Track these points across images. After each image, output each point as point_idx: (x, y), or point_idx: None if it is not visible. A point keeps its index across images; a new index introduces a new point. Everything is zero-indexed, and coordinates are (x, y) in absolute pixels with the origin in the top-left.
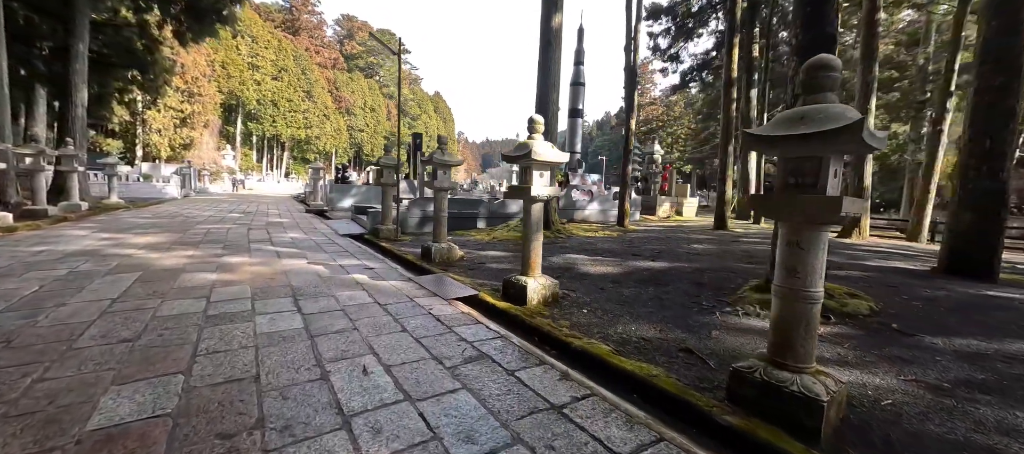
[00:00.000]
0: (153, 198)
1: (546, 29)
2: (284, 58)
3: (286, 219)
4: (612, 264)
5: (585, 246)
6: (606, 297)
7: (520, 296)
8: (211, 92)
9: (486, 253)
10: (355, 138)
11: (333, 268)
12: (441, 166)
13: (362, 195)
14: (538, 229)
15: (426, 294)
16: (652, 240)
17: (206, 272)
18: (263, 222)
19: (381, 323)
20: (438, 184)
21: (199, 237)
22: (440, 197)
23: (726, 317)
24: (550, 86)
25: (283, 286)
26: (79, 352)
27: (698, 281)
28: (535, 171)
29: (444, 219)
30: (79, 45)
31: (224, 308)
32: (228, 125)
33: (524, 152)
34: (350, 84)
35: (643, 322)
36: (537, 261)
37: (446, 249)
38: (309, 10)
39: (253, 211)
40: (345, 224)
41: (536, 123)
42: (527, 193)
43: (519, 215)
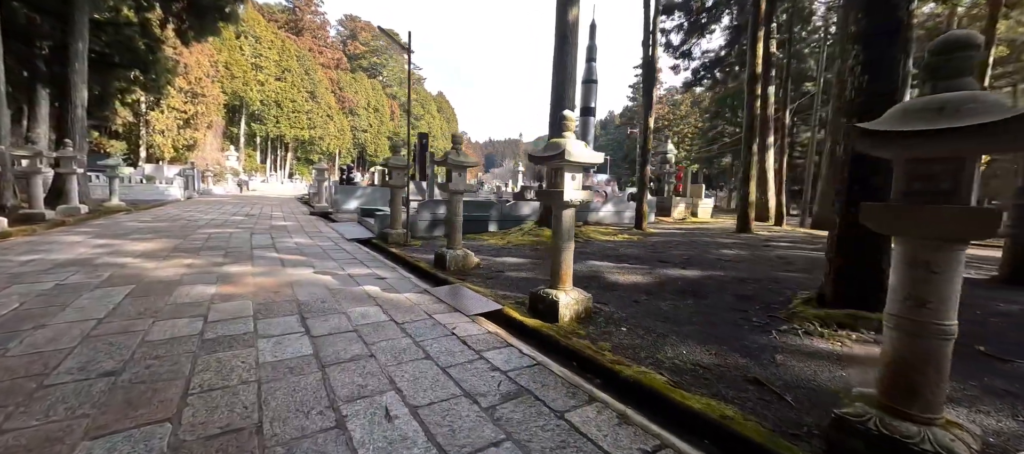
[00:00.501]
0: (155, 200)
1: (562, 23)
2: (288, 58)
3: (290, 222)
4: (641, 272)
5: (606, 251)
6: (643, 312)
7: (550, 312)
8: (215, 93)
9: (503, 260)
10: (358, 139)
11: (342, 278)
12: (457, 167)
13: (368, 197)
14: (569, 237)
15: (446, 309)
16: (676, 244)
17: (205, 284)
18: (267, 225)
19: (400, 348)
20: (453, 187)
21: (199, 243)
22: (455, 201)
23: (785, 337)
24: (566, 82)
25: (289, 301)
26: (51, 391)
27: (741, 293)
28: (567, 173)
29: (459, 224)
30: (78, 44)
31: (223, 329)
32: (232, 126)
33: (556, 152)
34: (353, 84)
35: (693, 343)
36: (568, 272)
37: (462, 256)
38: (313, 10)
39: (256, 214)
40: (351, 227)
41: (568, 120)
42: (558, 197)
43: (531, 218)
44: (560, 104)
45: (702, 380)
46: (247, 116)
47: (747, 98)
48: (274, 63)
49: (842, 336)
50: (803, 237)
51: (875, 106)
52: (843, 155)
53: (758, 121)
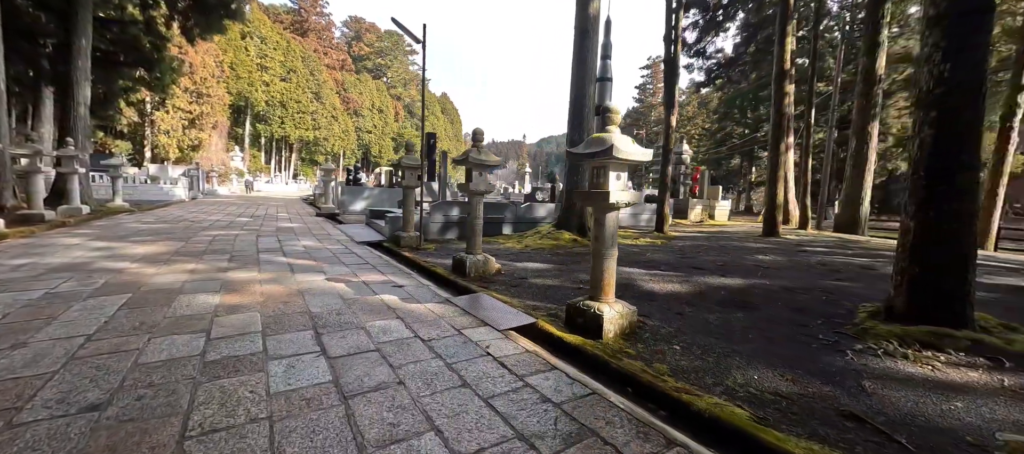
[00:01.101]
0: (160, 200)
1: (582, 16)
2: (293, 59)
3: (297, 224)
4: (677, 280)
5: (634, 257)
6: (691, 326)
7: (593, 327)
8: (220, 93)
9: (524, 265)
10: (363, 139)
11: (356, 286)
12: (478, 167)
13: (375, 198)
14: (613, 244)
15: (473, 322)
16: (705, 249)
17: (208, 293)
18: (273, 227)
19: (432, 372)
20: (474, 187)
21: (203, 246)
22: (476, 202)
23: (864, 358)
24: (587, 79)
25: (300, 313)
26: (20, 433)
27: (793, 304)
28: (613, 172)
29: (479, 228)
30: (82, 41)
31: (227, 348)
32: (237, 126)
33: (601, 148)
34: (358, 85)
35: (761, 365)
36: (611, 283)
37: (482, 262)
38: (318, 12)
39: (262, 215)
40: (360, 229)
41: (612, 113)
42: (603, 199)
43: (547, 220)
44: (580, 102)
45: (789, 415)
46: (252, 117)
47: (775, 95)
48: (279, 64)
49: (929, 358)
50: (835, 241)
51: (956, 99)
52: (918, 152)
53: (786, 119)
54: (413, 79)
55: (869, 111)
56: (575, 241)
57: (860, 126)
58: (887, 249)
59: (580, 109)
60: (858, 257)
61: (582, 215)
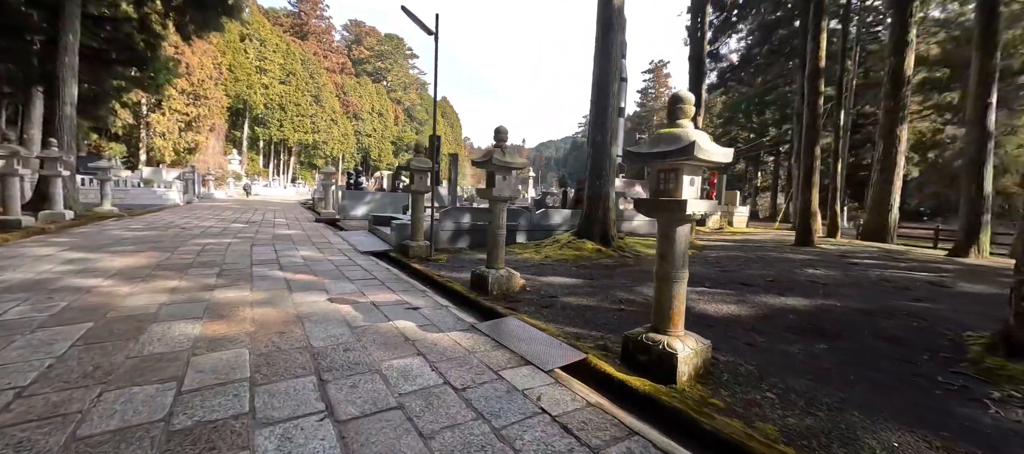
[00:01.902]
0: (152, 205)
1: (607, 9)
2: (292, 62)
3: (295, 231)
4: (730, 300)
5: None
6: (772, 362)
7: (663, 367)
8: (218, 95)
9: (549, 280)
10: (363, 143)
11: (365, 309)
12: (502, 170)
13: (377, 203)
14: (684, 264)
15: (512, 359)
16: (743, 261)
17: (188, 321)
18: (269, 234)
19: (477, 444)
20: (497, 193)
21: (190, 257)
22: (499, 210)
23: (1011, 410)
24: (611, 76)
25: (299, 347)
26: None
27: (881, 333)
28: (687, 176)
29: (502, 239)
30: (69, 37)
31: (203, 408)
32: (235, 129)
33: (678, 145)
34: (358, 89)
35: (887, 422)
36: (681, 311)
37: (506, 278)
38: (318, 15)
39: (258, 220)
40: (363, 237)
41: (685, 104)
42: (676, 210)
43: (562, 228)
44: (604, 100)
45: None
46: (250, 119)
47: (809, 95)
48: (279, 66)
49: None
50: (878, 252)
51: None
52: None
53: (819, 121)
54: (413, 83)
55: (897, 113)
56: (599, 252)
57: (888, 129)
58: (938, 261)
59: (604, 108)
60: (917, 271)
61: (605, 223)
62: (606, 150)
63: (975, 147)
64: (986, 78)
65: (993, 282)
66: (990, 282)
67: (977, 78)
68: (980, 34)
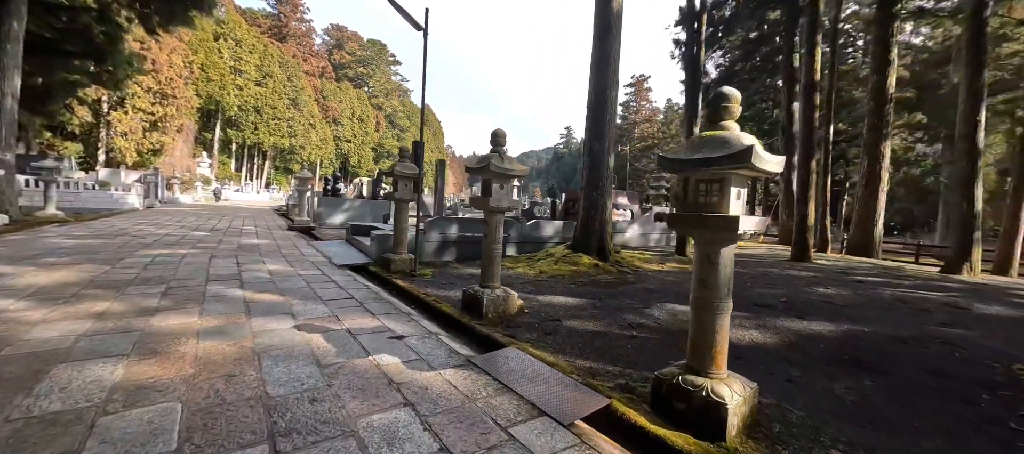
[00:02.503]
0: (106, 209)
1: (605, 13)
2: (270, 64)
3: (265, 240)
4: (751, 325)
5: (672, 288)
6: (820, 404)
7: (709, 420)
8: (188, 95)
9: (548, 300)
10: (342, 149)
11: (339, 339)
12: (500, 177)
13: (356, 210)
14: (729, 292)
15: (521, 408)
16: (748, 278)
17: (108, 359)
18: (234, 244)
19: None
20: (495, 203)
21: (134, 272)
22: (496, 223)
23: None
24: (609, 83)
25: (251, 398)
26: None
27: (923, 364)
28: (734, 187)
29: (498, 255)
30: (13, 23)
31: None
32: (205, 131)
33: (728, 151)
34: (338, 93)
35: None
36: (725, 349)
37: (502, 298)
38: (298, 17)
39: (224, 228)
40: (340, 248)
41: (730, 102)
42: (721, 227)
43: (554, 240)
44: (601, 108)
45: None
46: (223, 121)
47: (804, 108)
48: (255, 68)
49: None
50: (875, 269)
51: None
52: None
53: (815, 134)
54: (395, 89)
55: (881, 130)
56: (597, 267)
57: (872, 145)
58: (937, 279)
59: (602, 116)
60: (925, 291)
61: (602, 237)
62: (603, 159)
63: (965, 163)
64: (974, 95)
65: (1007, 303)
66: (1004, 303)
67: (966, 95)
68: (969, 53)
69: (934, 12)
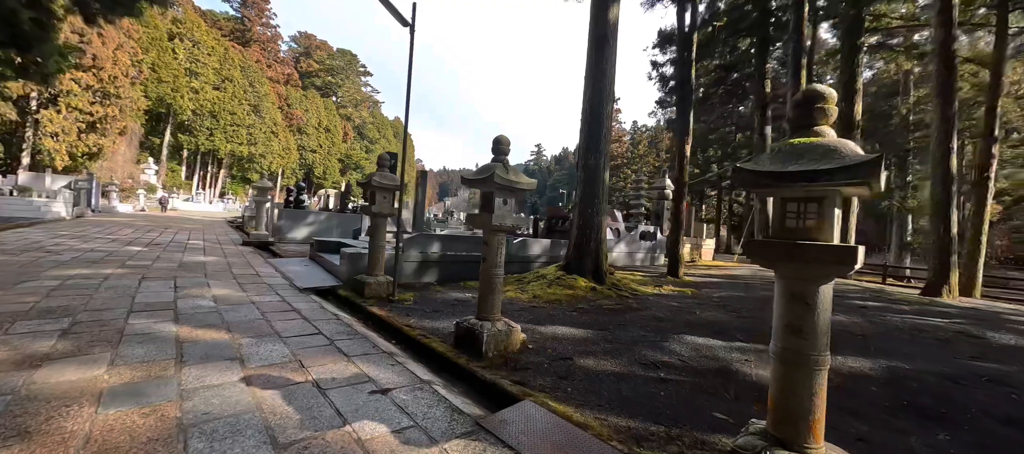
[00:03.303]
0: (23, 218)
1: (600, 23)
2: (230, 68)
3: (213, 257)
4: None
5: (679, 314)
6: None
7: None
8: (134, 96)
9: (551, 331)
10: (306, 159)
11: (303, 398)
12: (505, 191)
13: (321, 224)
14: (827, 343)
15: None
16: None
17: None
18: (173, 262)
19: None
20: (497, 221)
21: (32, 301)
22: (497, 243)
23: None
24: (606, 96)
25: None
26: None
27: (989, 410)
28: (837, 209)
29: (499, 282)
30: None
31: None
32: (153, 136)
33: (845, 162)
34: (304, 102)
35: None
36: (822, 411)
37: (504, 333)
38: (264, 22)
39: (165, 242)
40: (303, 267)
41: (826, 102)
42: (826, 258)
43: (541, 259)
44: (598, 121)
45: None
46: (174, 126)
47: None
48: (213, 71)
49: None
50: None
51: None
52: None
53: None
54: (365, 100)
55: None
56: (594, 290)
57: None
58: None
59: (597, 130)
60: (928, 317)
61: (598, 257)
62: (599, 175)
63: (940, 189)
64: (946, 123)
65: (1017, 331)
66: (1013, 331)
67: (939, 125)
68: (939, 83)
69: (892, 47)
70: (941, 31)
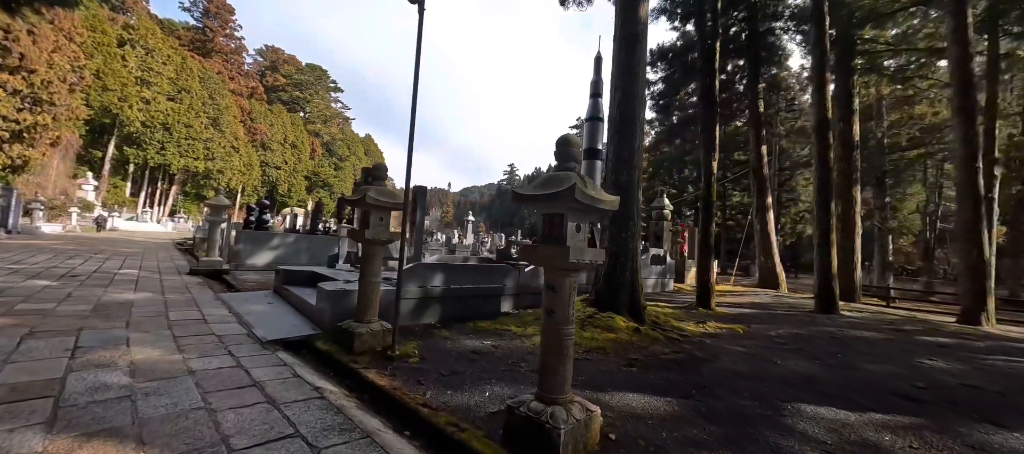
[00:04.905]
0: None
1: (629, 21)
2: (188, 78)
3: (146, 294)
4: (956, 448)
5: (763, 368)
6: None
7: None
8: (73, 103)
9: (621, 402)
10: (270, 175)
11: None
12: (581, 211)
13: (288, 248)
14: None
15: None
16: (810, 339)
17: None
18: (88, 304)
19: None
20: (576, 256)
21: None
22: (569, 289)
23: None
24: (637, 101)
25: None
26: None
27: None
28: None
29: (569, 346)
30: None
31: None
32: (95, 148)
33: None
34: (269, 116)
35: None
36: None
37: (582, 426)
38: (227, 34)
39: (87, 272)
40: (266, 305)
41: None
42: None
43: None
44: (628, 131)
45: None
46: (120, 138)
47: (818, 146)
48: (169, 81)
49: None
50: (922, 324)
51: None
52: None
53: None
54: (335, 117)
55: (851, 174)
56: (638, 331)
57: (844, 189)
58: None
59: (629, 141)
60: (1016, 356)
61: (634, 290)
62: (633, 193)
63: (969, 210)
64: (969, 143)
65: None
66: None
67: (962, 146)
68: (958, 100)
69: (881, 70)
70: (957, 48)
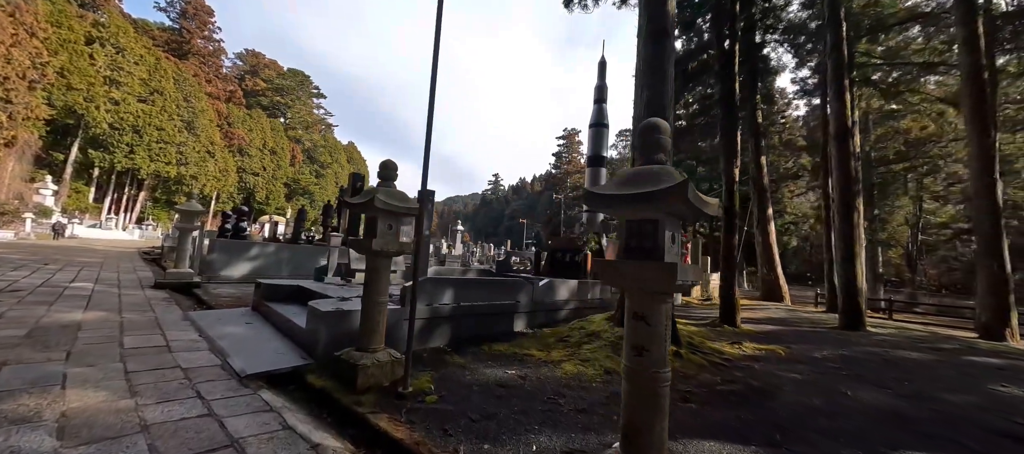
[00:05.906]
0: None
1: (657, 16)
2: (161, 79)
3: (99, 313)
4: None
5: (834, 401)
6: None
7: None
8: (32, 102)
9: (691, 451)
10: (247, 182)
11: None
12: (677, 217)
13: (268, 259)
14: None
15: None
16: (866, 364)
17: None
18: (24, 327)
19: None
20: (683, 276)
21: None
22: (664, 316)
23: None
24: (666, 101)
25: None
26: None
27: None
28: None
29: (666, 394)
30: None
31: None
32: (57, 150)
33: None
34: (248, 121)
35: None
36: None
37: None
38: (205, 35)
39: (31, 287)
40: (244, 326)
41: None
42: None
43: (571, 305)
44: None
45: None
46: (85, 139)
47: (838, 156)
48: (140, 82)
49: None
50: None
51: None
52: None
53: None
54: (317, 123)
55: (852, 187)
56: (677, 355)
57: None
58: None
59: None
60: None
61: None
62: None
63: (988, 223)
64: (984, 154)
65: None
66: None
67: (977, 156)
68: (972, 112)
69: (873, 83)
70: (969, 57)
